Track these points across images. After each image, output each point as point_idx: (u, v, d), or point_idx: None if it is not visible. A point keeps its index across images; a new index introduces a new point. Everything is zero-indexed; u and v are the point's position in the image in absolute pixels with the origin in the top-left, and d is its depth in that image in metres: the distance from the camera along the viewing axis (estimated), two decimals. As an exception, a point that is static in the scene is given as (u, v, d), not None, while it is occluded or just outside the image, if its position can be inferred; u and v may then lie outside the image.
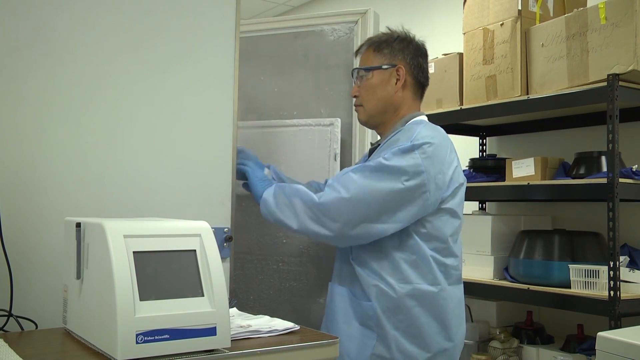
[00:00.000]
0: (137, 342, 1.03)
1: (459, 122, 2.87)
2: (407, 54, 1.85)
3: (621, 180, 2.18)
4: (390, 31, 1.89)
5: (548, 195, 2.45)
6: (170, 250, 1.14)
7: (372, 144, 1.96)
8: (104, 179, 1.52)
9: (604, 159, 2.37)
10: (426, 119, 1.85)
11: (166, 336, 1.06)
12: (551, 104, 2.42)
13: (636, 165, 2.30)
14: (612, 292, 2.12)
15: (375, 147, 1.86)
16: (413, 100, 1.86)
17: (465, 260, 2.59)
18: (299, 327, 1.33)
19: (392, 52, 1.84)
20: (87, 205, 1.49)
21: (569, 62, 2.38)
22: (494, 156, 3.01)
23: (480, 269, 2.64)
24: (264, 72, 2.29)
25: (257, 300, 2.17)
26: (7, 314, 1.29)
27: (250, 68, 2.21)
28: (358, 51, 1.94)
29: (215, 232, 1.26)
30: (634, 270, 2.27)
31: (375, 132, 1.98)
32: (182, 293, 1.11)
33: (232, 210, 1.72)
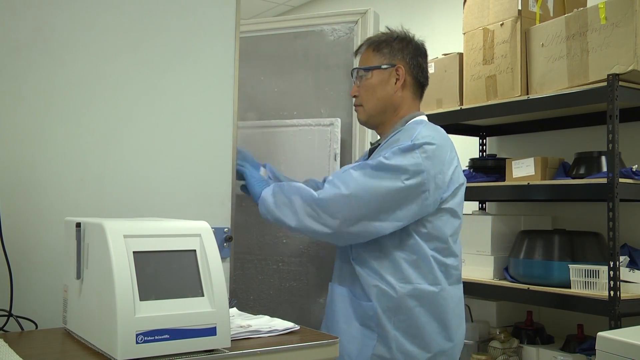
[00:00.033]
0: (137, 342, 1.03)
1: (459, 122, 2.87)
2: (407, 53, 1.85)
3: (621, 180, 2.18)
4: (389, 31, 1.89)
5: (548, 195, 2.45)
6: (170, 250, 1.14)
7: (372, 143, 1.95)
8: (104, 179, 1.52)
9: (604, 159, 2.37)
10: (426, 119, 1.85)
11: (166, 336, 1.06)
12: (551, 104, 2.42)
13: (636, 165, 2.30)
14: (612, 292, 2.12)
15: (375, 146, 1.86)
16: (413, 100, 1.86)
17: (465, 260, 2.59)
18: (299, 327, 1.33)
19: (392, 52, 1.84)
20: (87, 205, 1.49)
21: (569, 62, 2.38)
22: (494, 156, 3.01)
23: (480, 269, 2.64)
24: (264, 72, 2.29)
25: (257, 300, 2.17)
26: (7, 314, 1.29)
27: (250, 68, 2.21)
28: (357, 51, 1.94)
29: (215, 232, 1.26)
30: (634, 270, 2.27)
31: (375, 132, 1.98)
32: (182, 293, 1.11)
33: (232, 210, 1.72)
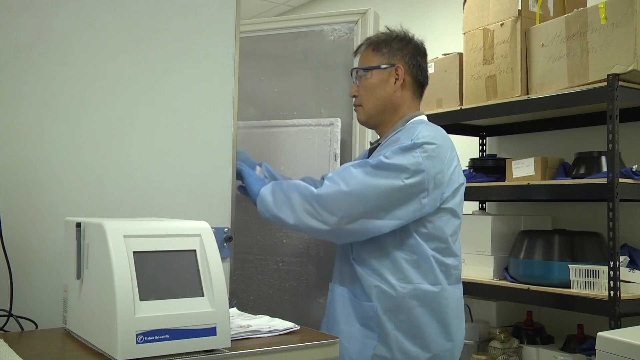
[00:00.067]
0: (137, 342, 1.03)
1: (459, 122, 2.87)
2: (406, 53, 1.85)
3: (621, 180, 2.18)
4: (389, 31, 1.89)
5: (548, 195, 2.45)
6: (170, 250, 1.14)
7: (372, 143, 1.95)
8: (104, 179, 1.52)
9: (604, 159, 2.37)
10: (426, 119, 1.85)
11: (166, 336, 1.06)
12: (551, 104, 2.42)
13: (636, 165, 2.30)
14: (612, 292, 2.12)
15: (375, 146, 1.86)
16: (412, 99, 1.86)
17: (465, 260, 2.59)
18: (299, 327, 1.33)
19: (391, 52, 1.84)
20: (87, 205, 1.49)
21: (569, 62, 2.38)
22: (494, 156, 3.01)
23: (480, 269, 2.64)
24: (264, 72, 2.29)
25: (257, 300, 2.17)
26: (7, 314, 1.29)
27: (250, 68, 2.21)
28: (357, 51, 1.94)
29: (215, 232, 1.26)
30: (634, 270, 2.27)
31: (375, 131, 1.98)
32: (182, 293, 1.11)
33: (232, 210, 1.72)
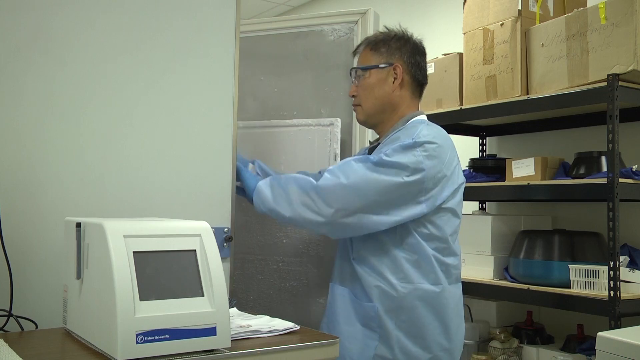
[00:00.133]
0: (137, 342, 1.03)
1: (459, 122, 2.86)
2: (405, 52, 1.84)
3: (621, 180, 2.18)
4: (387, 30, 1.89)
5: (548, 195, 2.45)
6: (170, 250, 1.14)
7: (371, 142, 1.95)
8: (104, 179, 1.52)
9: (604, 159, 2.37)
10: (426, 119, 1.85)
11: (166, 336, 1.06)
12: (551, 104, 2.42)
13: (636, 165, 2.30)
14: (612, 292, 2.12)
15: (375, 146, 1.86)
16: (411, 99, 1.86)
17: (465, 260, 2.59)
18: (299, 327, 1.33)
19: (389, 51, 1.84)
20: (87, 205, 1.49)
21: (569, 62, 2.38)
22: (494, 156, 3.01)
23: (480, 269, 2.64)
24: (264, 72, 2.29)
25: (257, 300, 2.17)
26: (7, 314, 1.29)
27: (250, 68, 2.21)
28: (356, 51, 1.94)
29: (215, 232, 1.26)
30: (634, 270, 2.27)
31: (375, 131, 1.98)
32: (182, 293, 1.11)
33: (232, 210, 1.72)
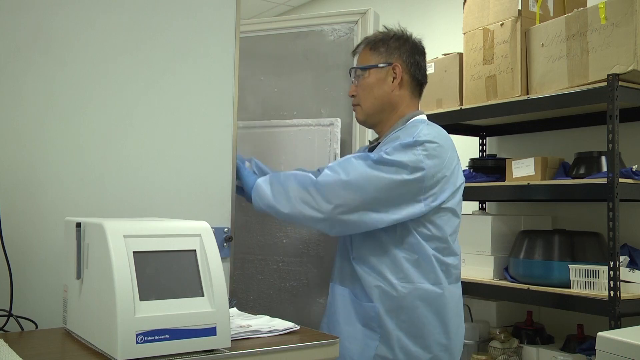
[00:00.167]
0: (137, 342, 1.03)
1: (459, 122, 2.86)
2: (404, 51, 1.84)
3: (621, 180, 2.18)
4: (386, 30, 1.89)
5: (548, 195, 2.45)
6: (170, 250, 1.14)
7: (371, 141, 1.95)
8: (104, 179, 1.52)
9: (604, 159, 2.37)
10: (426, 118, 1.85)
11: (166, 336, 1.06)
12: (551, 104, 2.42)
13: (636, 165, 2.30)
14: (612, 292, 2.12)
15: (375, 145, 1.86)
16: (411, 98, 1.86)
17: (465, 260, 2.59)
18: (299, 327, 1.33)
19: (388, 51, 1.84)
20: (87, 205, 1.49)
21: (569, 62, 2.38)
22: (494, 156, 3.01)
23: (480, 269, 2.64)
24: (264, 72, 2.29)
25: (257, 300, 2.17)
26: (7, 314, 1.29)
27: (250, 68, 2.21)
28: (355, 51, 1.94)
29: (215, 232, 1.26)
30: (634, 270, 2.27)
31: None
32: (182, 293, 1.11)
33: (232, 210, 1.72)
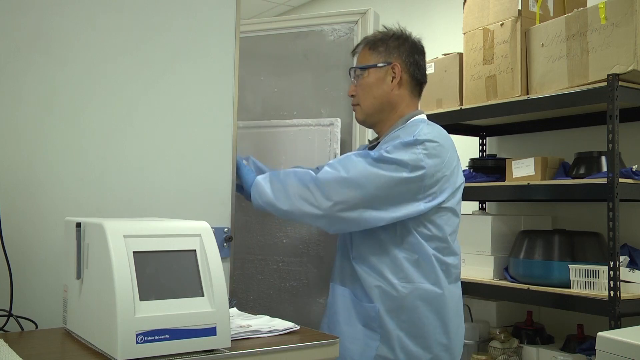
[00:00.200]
0: (137, 342, 1.03)
1: (459, 122, 2.86)
2: (403, 51, 1.84)
3: (621, 180, 2.18)
4: (386, 29, 1.89)
5: (548, 195, 2.45)
6: (170, 250, 1.14)
7: (370, 141, 1.95)
8: (104, 179, 1.52)
9: (604, 159, 2.37)
10: (426, 118, 1.85)
11: (166, 336, 1.06)
12: (551, 104, 2.42)
13: (636, 165, 2.30)
14: (612, 292, 2.12)
15: (375, 145, 1.85)
16: (410, 98, 1.86)
17: (465, 260, 2.59)
18: (299, 327, 1.33)
19: (388, 50, 1.84)
20: (87, 205, 1.49)
21: (569, 62, 2.38)
22: (494, 156, 3.01)
23: (480, 269, 2.64)
24: (264, 72, 2.29)
25: (257, 300, 2.17)
26: (7, 314, 1.29)
27: (250, 68, 2.21)
28: (355, 51, 1.94)
29: (215, 232, 1.26)
30: (634, 270, 2.27)
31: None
32: (182, 293, 1.11)
33: (232, 210, 1.72)
